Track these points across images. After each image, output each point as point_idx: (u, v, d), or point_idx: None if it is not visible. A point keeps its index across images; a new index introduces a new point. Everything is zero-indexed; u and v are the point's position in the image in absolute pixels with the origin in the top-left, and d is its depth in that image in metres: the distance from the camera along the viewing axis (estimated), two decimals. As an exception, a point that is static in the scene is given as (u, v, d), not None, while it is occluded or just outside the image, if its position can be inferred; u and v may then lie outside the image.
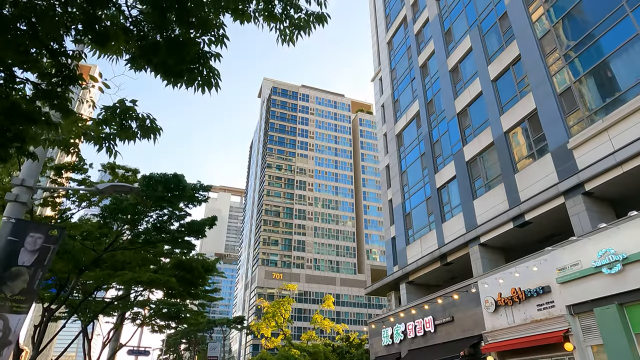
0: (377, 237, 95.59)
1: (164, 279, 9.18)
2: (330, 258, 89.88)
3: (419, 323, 22.53)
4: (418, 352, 22.49)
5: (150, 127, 4.02)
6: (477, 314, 18.69)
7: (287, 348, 29.76)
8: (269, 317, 30.71)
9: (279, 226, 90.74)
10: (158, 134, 4.16)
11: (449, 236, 22.85)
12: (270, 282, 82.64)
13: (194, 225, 9.66)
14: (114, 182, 8.80)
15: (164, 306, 14.63)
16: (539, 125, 17.89)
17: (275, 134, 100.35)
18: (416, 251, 26.04)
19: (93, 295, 12.67)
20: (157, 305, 14.77)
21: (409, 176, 28.62)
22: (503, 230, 18.72)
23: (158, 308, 14.97)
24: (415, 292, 26.33)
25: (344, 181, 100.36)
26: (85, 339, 13.93)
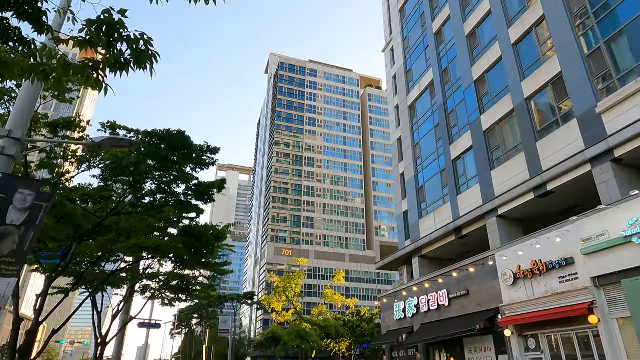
0: (386, 213, 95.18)
1: (171, 244, 8.63)
2: (340, 234, 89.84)
3: (432, 297, 22.13)
4: (431, 326, 22.16)
5: (145, 52, 3.34)
6: (493, 287, 18.16)
7: (298, 322, 29.69)
8: (280, 292, 30.57)
9: (287, 203, 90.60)
10: (155, 61, 3.48)
11: (465, 209, 22.16)
12: (279, 258, 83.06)
13: (201, 188, 9.02)
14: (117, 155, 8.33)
15: (174, 278, 14.28)
16: (564, 90, 16.88)
17: (283, 110, 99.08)
18: (429, 225, 25.44)
19: (99, 265, 12.31)
20: (167, 277, 14.42)
21: (422, 148, 27.76)
22: (523, 201, 17.98)
23: (167, 280, 14.64)
24: (428, 267, 25.86)
25: (353, 158, 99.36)
26: (94, 311, 13.67)
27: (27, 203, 4.97)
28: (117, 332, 15.05)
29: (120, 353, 16.15)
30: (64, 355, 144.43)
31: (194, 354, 76.29)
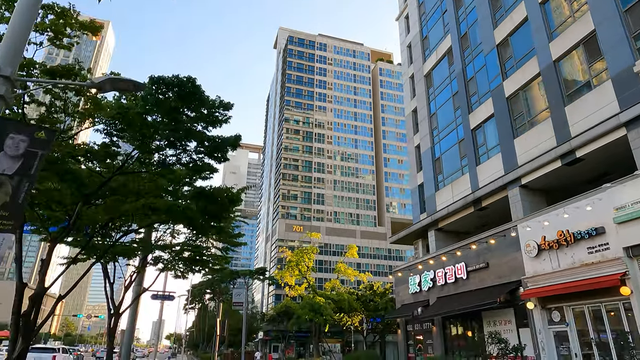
0: (397, 190, 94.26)
1: (184, 206, 8.05)
2: (350, 211, 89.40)
3: (449, 270, 21.63)
4: (448, 299, 21.74)
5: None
6: (515, 259, 17.55)
7: (312, 296, 29.53)
8: (293, 266, 30.34)
9: (298, 180, 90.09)
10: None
11: (484, 179, 21.35)
12: (290, 234, 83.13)
13: (215, 143, 8.30)
14: (119, 98, 7.53)
15: (186, 249, 13.87)
16: (597, 49, 15.74)
17: (293, 85, 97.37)
18: (446, 197, 24.70)
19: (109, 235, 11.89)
20: (179, 248, 14.02)
21: (439, 119, 26.76)
22: (548, 170, 17.12)
23: (180, 251, 14.25)
24: (444, 240, 25.29)
25: (364, 133, 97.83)
26: (106, 282, 13.37)
27: (19, 150, 4.37)
28: (130, 303, 14.80)
29: (134, 325, 15.97)
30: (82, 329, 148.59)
31: (207, 327, 77.72)
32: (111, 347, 13.29)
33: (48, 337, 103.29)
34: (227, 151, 8.27)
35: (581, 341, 14.74)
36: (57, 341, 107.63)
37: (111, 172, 7.59)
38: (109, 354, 13.11)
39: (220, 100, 8.17)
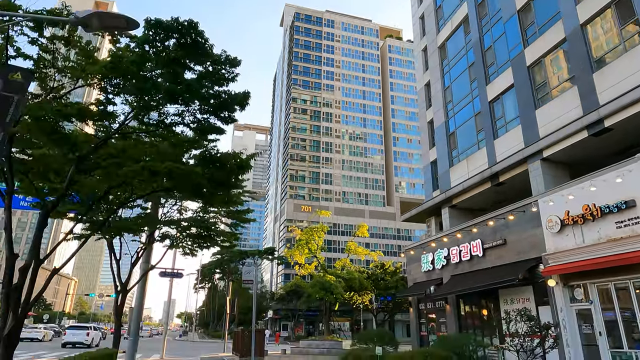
0: (406, 169, 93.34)
1: (187, 169, 7.38)
2: (359, 191, 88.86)
3: (464, 247, 21.00)
4: (462, 277, 21.17)
5: None
6: (535, 235, 16.82)
7: (322, 274, 29.21)
8: (303, 244, 29.97)
9: (306, 160, 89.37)
10: None
11: (502, 153, 20.47)
12: (299, 214, 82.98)
13: (222, 100, 7.49)
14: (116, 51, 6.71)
15: (194, 224, 13.36)
16: (630, 10, 14.61)
17: (300, 63, 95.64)
18: (461, 173, 23.88)
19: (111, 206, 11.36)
20: (187, 224, 13.49)
21: (454, 91, 25.70)
22: (573, 141, 16.19)
23: (187, 227, 13.74)
24: (458, 217, 24.58)
25: (372, 112, 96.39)
26: (112, 257, 12.93)
27: (-9, 94, 3.70)
28: (138, 280, 14.41)
29: (142, 302, 15.62)
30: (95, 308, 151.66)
31: (217, 307, 78.65)
32: (119, 325, 12.94)
33: (62, 315, 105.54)
34: (234, 110, 7.50)
35: (606, 319, 14.11)
36: (71, 320, 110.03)
37: (108, 132, 6.96)
38: (116, 331, 12.76)
39: (226, 56, 7.36)
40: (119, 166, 6.78)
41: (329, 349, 26.99)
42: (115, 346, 12.59)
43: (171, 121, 7.21)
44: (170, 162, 6.60)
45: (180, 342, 51.24)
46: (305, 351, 27.54)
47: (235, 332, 23.53)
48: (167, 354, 25.69)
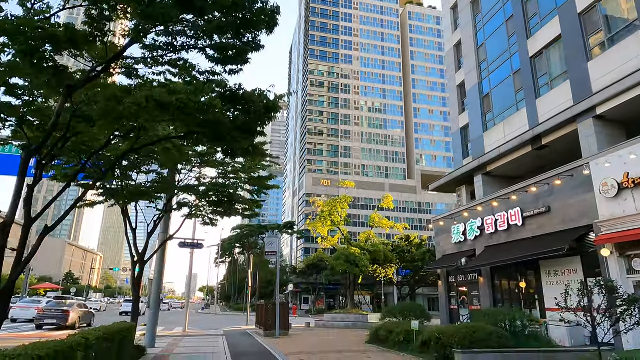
0: (427, 141, 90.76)
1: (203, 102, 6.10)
2: (379, 164, 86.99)
3: (501, 217, 19.54)
4: (497, 249, 19.80)
5: None
6: (585, 201, 15.23)
7: (346, 247, 28.24)
8: (325, 216, 28.92)
9: (324, 133, 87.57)
10: None
11: (546, 114, 18.67)
12: (318, 188, 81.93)
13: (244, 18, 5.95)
14: None
15: (213, 189, 12.27)
16: None
17: (317, 33, 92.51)
18: (497, 137, 22.16)
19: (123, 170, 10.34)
20: (205, 189, 12.42)
21: (489, 49, 23.67)
22: (633, 95, 14.33)
23: (206, 193, 12.68)
24: (493, 185, 23.01)
25: (392, 83, 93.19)
26: (126, 225, 12.00)
27: None
28: (156, 250, 13.54)
29: (161, 273, 14.82)
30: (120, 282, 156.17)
31: (238, 280, 79.40)
32: (137, 297, 12.13)
33: (89, 289, 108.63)
34: (261, 29, 6.09)
35: (670, 292, 12.66)
36: (97, 293, 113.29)
37: (106, 62, 5.71)
38: (134, 304, 11.97)
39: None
40: (118, 100, 5.58)
41: (355, 322, 26.32)
42: (133, 319, 11.80)
43: (182, 44, 5.88)
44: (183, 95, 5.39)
45: (202, 315, 51.67)
46: (330, 324, 26.97)
47: (259, 305, 22.85)
48: (190, 327, 25.32)
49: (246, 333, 21.67)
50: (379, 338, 15.58)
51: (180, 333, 21.60)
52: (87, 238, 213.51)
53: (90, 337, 7.99)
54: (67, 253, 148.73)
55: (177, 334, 21.25)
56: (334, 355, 12.63)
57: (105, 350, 9.02)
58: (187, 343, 16.04)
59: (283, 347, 15.07)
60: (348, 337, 19.83)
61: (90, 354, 8.01)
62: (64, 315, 22.91)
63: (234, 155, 6.37)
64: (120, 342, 10.10)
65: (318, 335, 20.82)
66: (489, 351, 10.06)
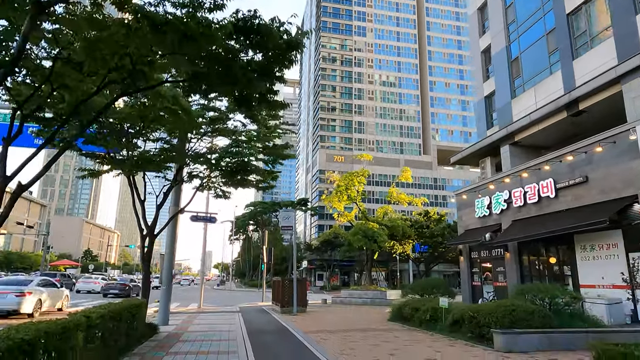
0: (443, 115, 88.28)
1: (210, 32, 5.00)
2: (394, 139, 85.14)
3: (530, 188, 18.31)
4: (526, 223, 18.64)
5: None
6: (630, 169, 13.93)
7: (363, 222, 27.33)
8: (342, 190, 27.92)
9: (337, 108, 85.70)
10: None
11: (584, 76, 17.13)
12: (331, 165, 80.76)
13: None
14: None
15: (226, 156, 11.30)
16: None
17: (329, 4, 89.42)
18: (527, 104, 20.69)
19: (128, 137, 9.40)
20: (218, 156, 11.44)
21: (518, 9, 21.91)
22: (691, 49, 12.78)
23: (218, 162, 11.71)
24: (521, 156, 21.64)
25: (407, 55, 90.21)
26: (134, 196, 11.16)
27: None
28: (166, 223, 12.75)
29: (173, 248, 14.10)
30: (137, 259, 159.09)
31: (252, 257, 79.73)
32: (147, 273, 11.40)
33: (107, 265, 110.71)
34: None
35: None
36: (115, 270, 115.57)
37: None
38: (144, 279, 11.25)
39: None
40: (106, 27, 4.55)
41: (372, 299, 25.63)
42: (144, 296, 11.10)
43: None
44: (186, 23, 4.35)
45: (218, 291, 51.89)
46: (347, 301, 26.36)
47: (275, 281, 22.21)
48: (205, 303, 24.93)
49: (262, 310, 21.12)
50: (402, 316, 14.77)
51: (195, 310, 21.16)
52: (104, 216, 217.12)
53: (93, 316, 7.24)
54: (85, 231, 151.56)
55: (192, 310, 20.80)
56: (357, 334, 11.84)
57: (112, 329, 8.32)
58: (202, 320, 15.46)
59: (301, 324, 14.36)
60: (368, 314, 19.11)
61: (93, 333, 7.28)
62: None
63: (249, 105, 5.32)
64: (129, 320, 9.40)
65: (336, 312, 20.16)
66: (533, 331, 9.11)
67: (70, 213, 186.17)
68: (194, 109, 11.32)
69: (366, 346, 9.69)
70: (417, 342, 10.29)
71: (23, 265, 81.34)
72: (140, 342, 9.72)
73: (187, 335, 11.38)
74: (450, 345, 9.79)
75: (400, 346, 9.68)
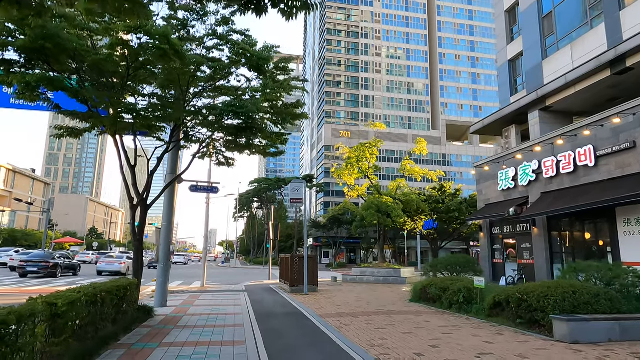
0: (453, 89, 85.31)
1: None
2: (401, 114, 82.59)
3: (565, 157, 16.54)
4: (559, 195, 16.93)
5: None
6: (690, 132, 12.14)
7: (377, 196, 25.68)
8: (352, 163, 26.16)
9: (343, 82, 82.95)
10: None
11: (633, 27, 15.09)
12: (337, 140, 78.59)
13: None
14: None
15: (229, 110, 9.52)
16: None
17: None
18: (562, 63, 18.70)
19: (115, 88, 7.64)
20: (219, 111, 9.64)
21: (552, -42, 19.61)
22: None
23: (220, 117, 9.90)
24: (552, 122, 19.83)
25: (416, 25, 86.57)
26: (121, 159, 9.49)
27: None
28: (162, 191, 11.16)
29: (170, 221, 12.54)
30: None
31: (257, 235, 78.86)
32: (139, 249, 9.81)
33: (111, 243, 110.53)
34: None
35: None
36: (120, 247, 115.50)
37: None
38: (135, 256, 9.68)
39: None
40: None
41: (386, 277, 24.25)
42: (135, 275, 9.56)
43: None
44: None
45: (222, 269, 50.93)
46: (358, 279, 25.01)
47: (283, 258, 20.78)
48: (209, 281, 23.65)
49: (269, 288, 19.76)
50: (427, 296, 13.25)
51: (198, 288, 19.82)
52: (109, 194, 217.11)
53: (59, 302, 5.69)
54: (90, 209, 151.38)
55: (195, 289, 19.47)
56: (381, 318, 10.34)
57: (92, 316, 6.80)
58: (205, 301, 14.04)
59: (315, 306, 12.90)
60: (385, 294, 17.67)
61: (62, 323, 5.75)
62: None
63: (260, 9, 3.65)
64: (116, 304, 7.88)
65: (349, 291, 18.76)
66: (603, 318, 7.52)
67: (75, 191, 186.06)
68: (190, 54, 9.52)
69: (398, 334, 8.16)
70: (457, 329, 8.75)
71: (28, 243, 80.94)
72: (130, 329, 8.24)
73: (186, 319, 9.92)
74: (498, 334, 8.25)
75: (439, 335, 8.15)
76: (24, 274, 23.23)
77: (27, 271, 23.19)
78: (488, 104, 80.00)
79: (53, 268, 23.61)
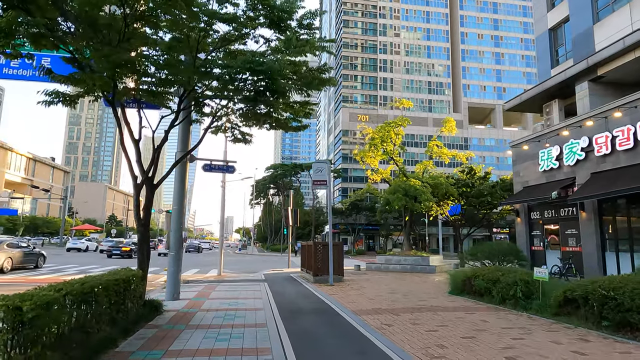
0: (476, 69, 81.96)
1: None
2: (421, 96, 79.81)
3: (622, 132, 14.63)
4: (614, 175, 15.04)
5: None
6: None
7: (403, 179, 24.00)
8: (377, 143, 24.42)
9: (360, 64, 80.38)
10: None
11: None
12: (355, 124, 76.61)
13: None
14: None
15: (245, 68, 7.97)
16: None
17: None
18: (617, 27, 16.58)
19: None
20: (236, 65, 8.02)
21: None
22: None
23: (233, 77, 8.32)
24: (603, 94, 17.81)
25: (437, 4, 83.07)
26: (122, 130, 8.11)
27: None
28: (170, 169, 9.75)
29: (182, 203, 11.19)
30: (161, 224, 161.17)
31: (274, 221, 77.96)
32: (146, 235, 8.46)
33: (129, 230, 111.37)
34: None
35: None
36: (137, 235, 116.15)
37: None
38: (140, 243, 8.31)
39: None
40: None
41: (413, 266, 22.69)
42: (140, 266, 8.21)
43: None
44: None
45: (239, 256, 50.13)
46: (384, 267, 23.51)
47: (305, 245, 19.39)
48: (226, 269, 22.49)
49: (291, 278, 18.42)
50: (472, 289, 11.65)
51: (214, 277, 18.62)
52: (127, 182, 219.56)
53: (26, 306, 4.33)
54: (109, 197, 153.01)
55: (211, 278, 18.27)
56: (427, 317, 8.80)
57: (81, 319, 5.46)
58: (221, 293, 12.74)
59: (345, 299, 11.45)
60: (417, 284, 16.14)
61: (29, 335, 4.39)
62: None
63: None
64: (115, 301, 6.55)
65: (377, 281, 17.27)
66: None
67: (94, 179, 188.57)
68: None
69: (457, 340, 6.62)
70: (526, 332, 7.14)
71: (49, 230, 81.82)
72: (132, 330, 6.90)
73: (200, 316, 8.58)
74: (582, 339, 6.64)
75: (509, 340, 6.57)
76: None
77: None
78: (512, 85, 76.59)
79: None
